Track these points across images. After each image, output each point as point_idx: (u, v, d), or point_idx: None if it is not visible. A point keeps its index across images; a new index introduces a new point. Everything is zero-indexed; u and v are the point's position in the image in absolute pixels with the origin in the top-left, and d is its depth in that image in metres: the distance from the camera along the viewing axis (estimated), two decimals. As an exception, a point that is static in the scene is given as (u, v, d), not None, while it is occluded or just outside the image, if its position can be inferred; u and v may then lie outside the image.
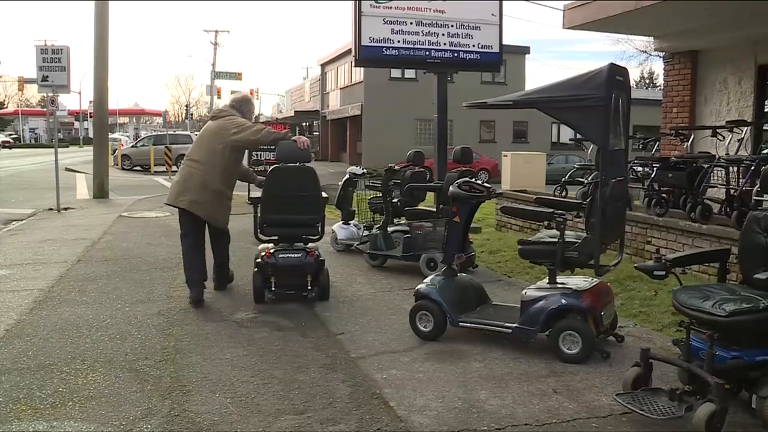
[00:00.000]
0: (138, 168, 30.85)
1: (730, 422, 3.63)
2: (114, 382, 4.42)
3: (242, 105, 6.91)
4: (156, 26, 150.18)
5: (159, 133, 36.70)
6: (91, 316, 5.93)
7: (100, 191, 16.75)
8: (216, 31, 55.74)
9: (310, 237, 6.70)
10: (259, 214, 6.65)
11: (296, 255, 6.50)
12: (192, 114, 62.21)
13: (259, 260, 6.49)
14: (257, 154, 13.36)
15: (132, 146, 34.10)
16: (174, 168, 27.08)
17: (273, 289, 6.50)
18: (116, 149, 33.04)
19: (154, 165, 28.77)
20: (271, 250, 6.51)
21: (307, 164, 6.69)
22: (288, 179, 6.56)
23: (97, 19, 16.49)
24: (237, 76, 51.09)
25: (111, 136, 30.66)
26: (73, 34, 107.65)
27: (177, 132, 38.02)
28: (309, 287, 6.50)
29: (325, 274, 6.69)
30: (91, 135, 29.34)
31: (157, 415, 3.92)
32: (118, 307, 6.29)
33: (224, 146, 6.47)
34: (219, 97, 50.50)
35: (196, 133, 37.39)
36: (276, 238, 6.68)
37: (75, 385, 4.35)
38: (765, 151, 8.66)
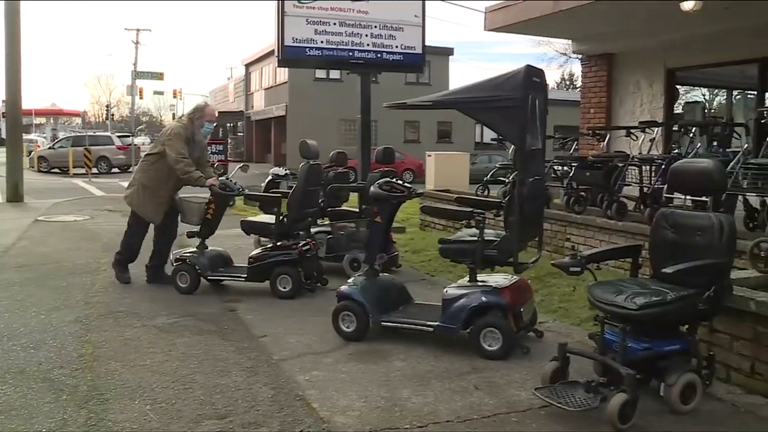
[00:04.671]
0: (56, 170, 29.75)
1: (641, 410, 3.77)
2: (26, 393, 4.24)
3: (192, 113, 7.23)
4: (74, 24, 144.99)
5: (78, 134, 35.47)
6: (2, 326, 5.67)
7: (14, 195, 16.08)
8: (137, 30, 54.17)
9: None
10: (285, 212, 6.88)
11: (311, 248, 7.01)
12: (113, 114, 60.56)
13: (294, 256, 6.71)
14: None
15: (49, 147, 32.79)
16: (94, 170, 26.32)
17: (307, 281, 6.84)
18: (32, 151, 31.88)
19: (73, 167, 27.81)
20: (300, 246, 6.81)
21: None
22: (315, 175, 7.13)
23: (7, 17, 15.86)
24: (159, 76, 49.76)
25: (26, 137, 29.60)
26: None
27: (97, 133, 37.02)
28: (316, 274, 7.03)
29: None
30: (4, 136, 28.19)
31: (72, 426, 3.79)
32: (33, 315, 6.05)
33: (159, 149, 7.02)
34: (141, 98, 49.31)
35: (117, 134, 36.31)
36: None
37: (-17, 398, 4.17)
38: (675, 151, 9.03)
